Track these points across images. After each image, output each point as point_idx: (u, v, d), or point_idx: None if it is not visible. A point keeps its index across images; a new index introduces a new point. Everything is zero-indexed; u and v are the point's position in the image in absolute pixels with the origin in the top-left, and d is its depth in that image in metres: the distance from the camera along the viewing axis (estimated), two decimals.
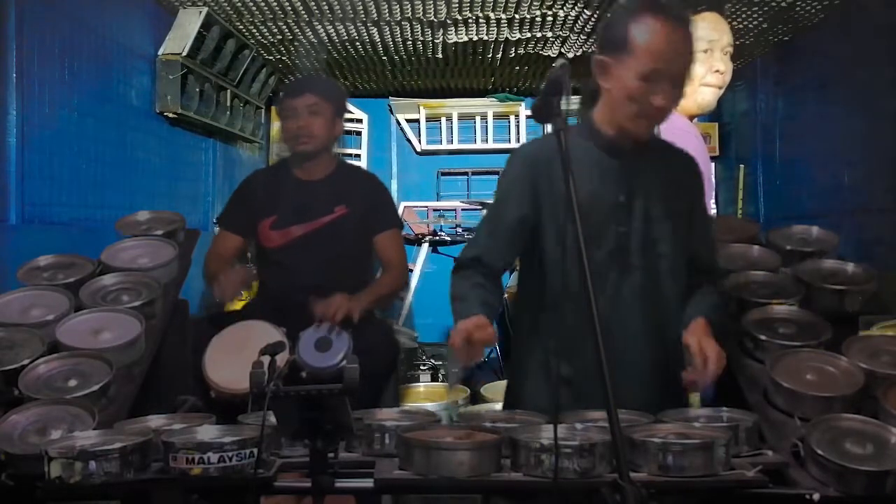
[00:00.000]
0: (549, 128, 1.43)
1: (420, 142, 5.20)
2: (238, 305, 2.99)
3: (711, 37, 2.61)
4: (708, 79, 2.60)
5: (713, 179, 2.57)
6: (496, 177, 1.84)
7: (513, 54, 4.11)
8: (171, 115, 3.25)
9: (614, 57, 1.66)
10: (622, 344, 1.66)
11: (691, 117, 2.65)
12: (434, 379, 4.03)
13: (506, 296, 3.96)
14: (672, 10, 1.65)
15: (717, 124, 4.47)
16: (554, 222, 1.75)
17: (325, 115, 2.72)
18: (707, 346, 1.60)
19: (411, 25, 3.59)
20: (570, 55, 3.94)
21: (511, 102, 5.04)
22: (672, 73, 1.63)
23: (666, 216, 1.75)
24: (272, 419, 1.37)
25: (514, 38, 3.80)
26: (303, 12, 3.37)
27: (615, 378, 1.17)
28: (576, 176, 1.72)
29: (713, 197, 2.57)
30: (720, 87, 2.66)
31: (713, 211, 2.55)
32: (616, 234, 1.72)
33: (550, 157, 1.75)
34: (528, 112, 4.83)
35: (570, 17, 3.47)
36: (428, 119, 5.13)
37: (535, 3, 3.30)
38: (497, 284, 1.82)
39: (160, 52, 3.21)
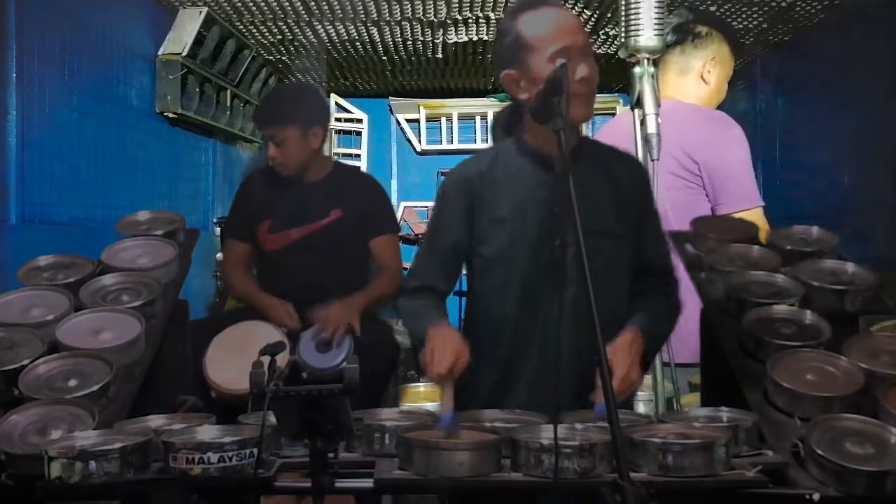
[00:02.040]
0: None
1: (420, 142, 5.21)
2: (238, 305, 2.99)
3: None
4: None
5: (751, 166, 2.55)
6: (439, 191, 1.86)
7: None
8: (171, 115, 3.25)
9: (517, 64, 1.67)
10: (563, 360, 1.65)
11: None
12: None
13: None
14: (547, 1, 1.70)
15: None
16: (487, 241, 1.76)
17: (290, 139, 2.68)
18: (618, 364, 1.58)
19: (411, 25, 3.59)
20: None
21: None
22: (579, 47, 1.64)
23: (606, 226, 1.74)
24: (272, 419, 1.37)
25: None
26: (303, 12, 3.37)
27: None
28: (509, 192, 1.74)
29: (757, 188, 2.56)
30: None
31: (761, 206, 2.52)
32: (551, 248, 1.71)
33: (483, 174, 1.76)
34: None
35: None
36: (428, 119, 5.14)
37: None
38: (445, 306, 1.84)
39: (160, 52, 3.21)
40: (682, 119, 2.43)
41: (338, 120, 5.09)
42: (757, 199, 2.46)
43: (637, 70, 2.32)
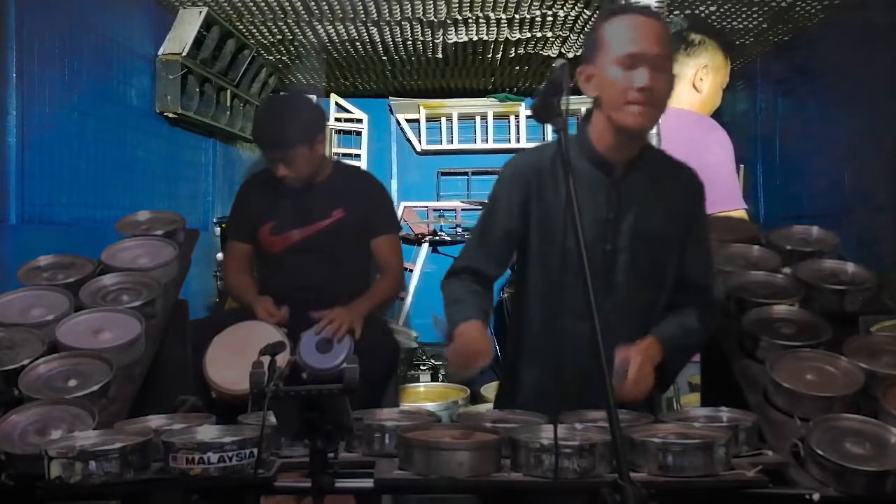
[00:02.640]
0: (549, 130, 1.45)
1: (420, 142, 5.20)
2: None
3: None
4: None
5: (740, 176, 2.59)
6: (496, 177, 1.85)
7: (513, 54, 4.11)
8: (171, 115, 3.25)
9: (592, 59, 1.69)
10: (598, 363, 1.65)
11: None
12: (434, 379, 4.03)
13: (506, 295, 3.98)
14: (638, 8, 1.72)
15: None
16: (540, 235, 1.76)
17: (299, 157, 2.65)
18: (634, 364, 1.58)
19: (411, 25, 3.59)
20: (570, 55, 3.94)
21: (511, 102, 5.04)
22: (649, 56, 1.62)
23: (657, 236, 1.73)
24: (272, 419, 1.38)
25: (514, 38, 3.80)
26: (303, 12, 3.37)
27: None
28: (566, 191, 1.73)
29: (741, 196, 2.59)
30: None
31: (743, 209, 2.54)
32: (602, 252, 1.71)
33: (542, 169, 1.76)
34: (528, 112, 4.83)
35: (570, 17, 3.47)
36: (428, 119, 5.13)
37: (535, 3, 3.30)
38: (490, 290, 1.85)
39: (160, 52, 3.21)
40: (664, 123, 2.42)
41: (338, 120, 5.09)
42: (738, 201, 2.46)
43: None
